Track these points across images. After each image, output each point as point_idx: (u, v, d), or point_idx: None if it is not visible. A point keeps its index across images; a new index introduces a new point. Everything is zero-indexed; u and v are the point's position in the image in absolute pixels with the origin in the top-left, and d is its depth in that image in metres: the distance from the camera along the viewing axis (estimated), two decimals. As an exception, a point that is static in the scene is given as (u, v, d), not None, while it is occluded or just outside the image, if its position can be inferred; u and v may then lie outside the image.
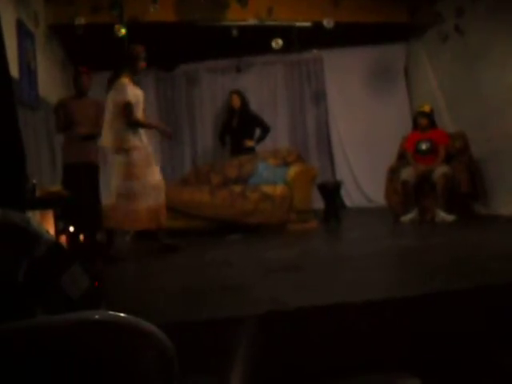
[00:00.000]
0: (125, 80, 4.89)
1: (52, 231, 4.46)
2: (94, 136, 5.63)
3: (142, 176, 4.85)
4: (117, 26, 6.84)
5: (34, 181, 4.85)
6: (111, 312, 0.96)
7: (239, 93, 8.02)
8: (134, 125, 4.84)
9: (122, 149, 4.84)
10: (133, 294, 3.24)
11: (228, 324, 2.53)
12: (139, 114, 4.92)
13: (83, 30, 6.94)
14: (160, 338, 0.96)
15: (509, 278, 2.95)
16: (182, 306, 2.87)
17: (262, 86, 9.42)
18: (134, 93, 4.88)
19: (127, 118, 4.79)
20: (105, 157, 8.99)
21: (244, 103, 7.97)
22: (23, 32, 5.91)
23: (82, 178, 5.53)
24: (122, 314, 0.95)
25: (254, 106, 9.24)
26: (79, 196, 5.18)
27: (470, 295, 2.77)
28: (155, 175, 4.98)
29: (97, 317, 0.96)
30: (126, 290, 3.38)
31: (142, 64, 5.04)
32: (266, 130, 7.97)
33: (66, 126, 5.67)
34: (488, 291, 2.79)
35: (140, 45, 5.13)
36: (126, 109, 4.79)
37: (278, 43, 7.42)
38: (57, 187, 5.25)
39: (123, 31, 6.79)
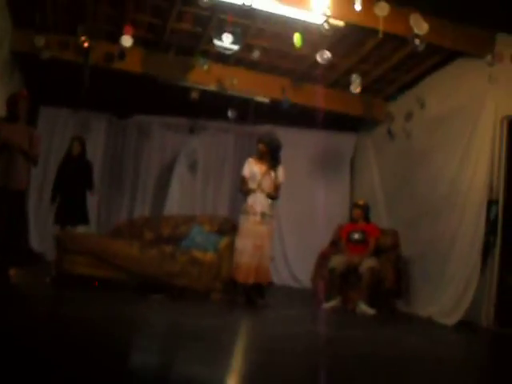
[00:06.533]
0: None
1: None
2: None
3: None
4: (82, 38, 6.83)
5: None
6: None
7: (82, 140, 7.47)
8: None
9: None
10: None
11: None
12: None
13: (47, 62, 6.97)
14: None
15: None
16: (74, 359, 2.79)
17: (212, 150, 9.54)
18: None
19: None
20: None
21: (84, 150, 7.37)
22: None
23: (4, 205, 5.30)
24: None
25: (200, 169, 9.37)
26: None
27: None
28: None
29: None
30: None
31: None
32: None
33: None
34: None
35: None
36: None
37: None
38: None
39: (86, 44, 6.82)
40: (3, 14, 6.55)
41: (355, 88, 7.16)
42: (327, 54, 6.36)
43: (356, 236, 6.87)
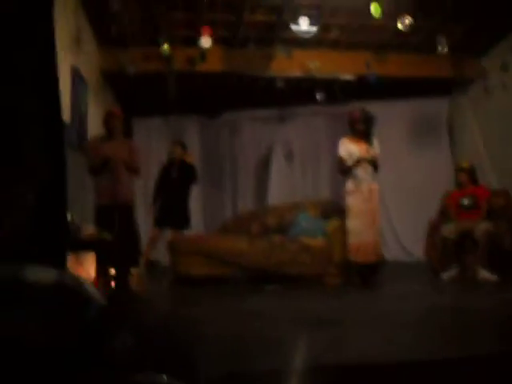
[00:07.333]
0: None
1: (93, 274, 4.54)
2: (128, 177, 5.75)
3: None
4: (164, 47, 7.00)
5: (79, 223, 4.97)
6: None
7: (182, 143, 7.53)
8: None
9: None
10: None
11: (263, 377, 2.52)
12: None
13: (133, 77, 7.20)
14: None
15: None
16: (220, 356, 2.86)
17: (305, 136, 9.52)
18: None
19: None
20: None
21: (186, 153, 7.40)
22: (77, 78, 6.14)
23: (115, 220, 5.54)
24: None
25: (296, 156, 9.39)
26: (114, 238, 5.24)
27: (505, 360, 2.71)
28: None
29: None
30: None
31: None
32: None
33: (99, 167, 5.65)
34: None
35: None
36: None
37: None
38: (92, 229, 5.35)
39: (167, 49, 6.97)
40: (89, 35, 6.84)
41: (442, 48, 6.89)
42: (408, 19, 6.15)
43: (466, 201, 6.57)
